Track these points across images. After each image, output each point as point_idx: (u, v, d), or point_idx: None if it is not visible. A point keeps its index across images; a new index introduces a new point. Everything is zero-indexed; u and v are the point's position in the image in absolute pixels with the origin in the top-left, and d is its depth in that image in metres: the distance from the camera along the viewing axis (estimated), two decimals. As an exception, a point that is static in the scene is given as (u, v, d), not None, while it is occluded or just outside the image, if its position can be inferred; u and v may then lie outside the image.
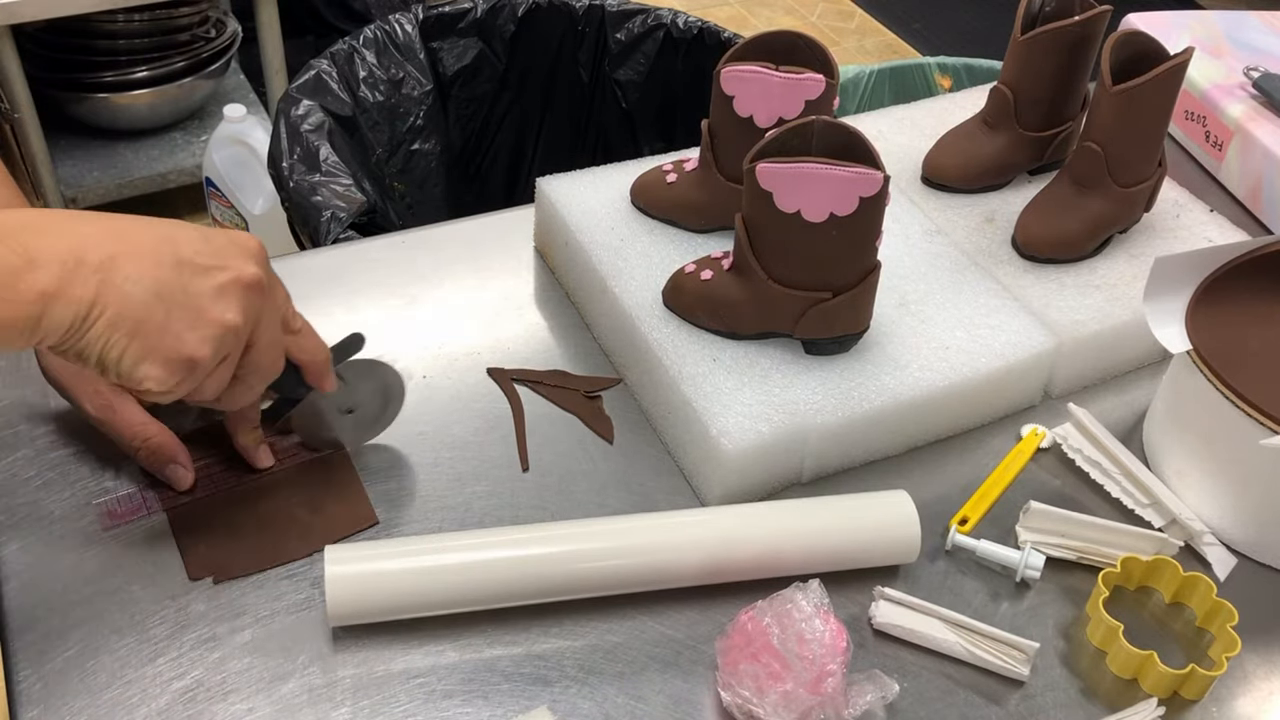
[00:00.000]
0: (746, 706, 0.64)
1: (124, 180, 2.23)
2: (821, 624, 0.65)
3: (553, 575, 0.70)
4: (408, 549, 0.70)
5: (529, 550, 0.70)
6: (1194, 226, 0.99)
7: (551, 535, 0.72)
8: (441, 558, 0.69)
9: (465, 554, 0.70)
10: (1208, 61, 1.21)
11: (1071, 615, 0.75)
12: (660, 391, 0.82)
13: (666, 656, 0.70)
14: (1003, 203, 1.00)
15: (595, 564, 0.71)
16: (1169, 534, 0.79)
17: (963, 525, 0.79)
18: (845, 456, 0.82)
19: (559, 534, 0.72)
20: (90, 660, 0.66)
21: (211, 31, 2.26)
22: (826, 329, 0.81)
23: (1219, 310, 0.80)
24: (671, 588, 0.72)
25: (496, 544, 0.70)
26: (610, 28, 1.72)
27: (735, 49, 0.85)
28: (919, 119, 1.10)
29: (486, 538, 0.71)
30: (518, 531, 0.72)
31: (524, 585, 0.70)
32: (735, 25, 3.09)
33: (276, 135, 1.43)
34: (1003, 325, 0.86)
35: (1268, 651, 0.74)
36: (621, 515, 0.76)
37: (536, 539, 0.71)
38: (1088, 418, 0.84)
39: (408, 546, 0.71)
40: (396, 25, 1.64)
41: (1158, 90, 0.89)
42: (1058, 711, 0.69)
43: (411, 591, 0.68)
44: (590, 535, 0.72)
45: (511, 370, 0.87)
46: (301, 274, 0.95)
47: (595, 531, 0.72)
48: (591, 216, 0.93)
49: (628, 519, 0.74)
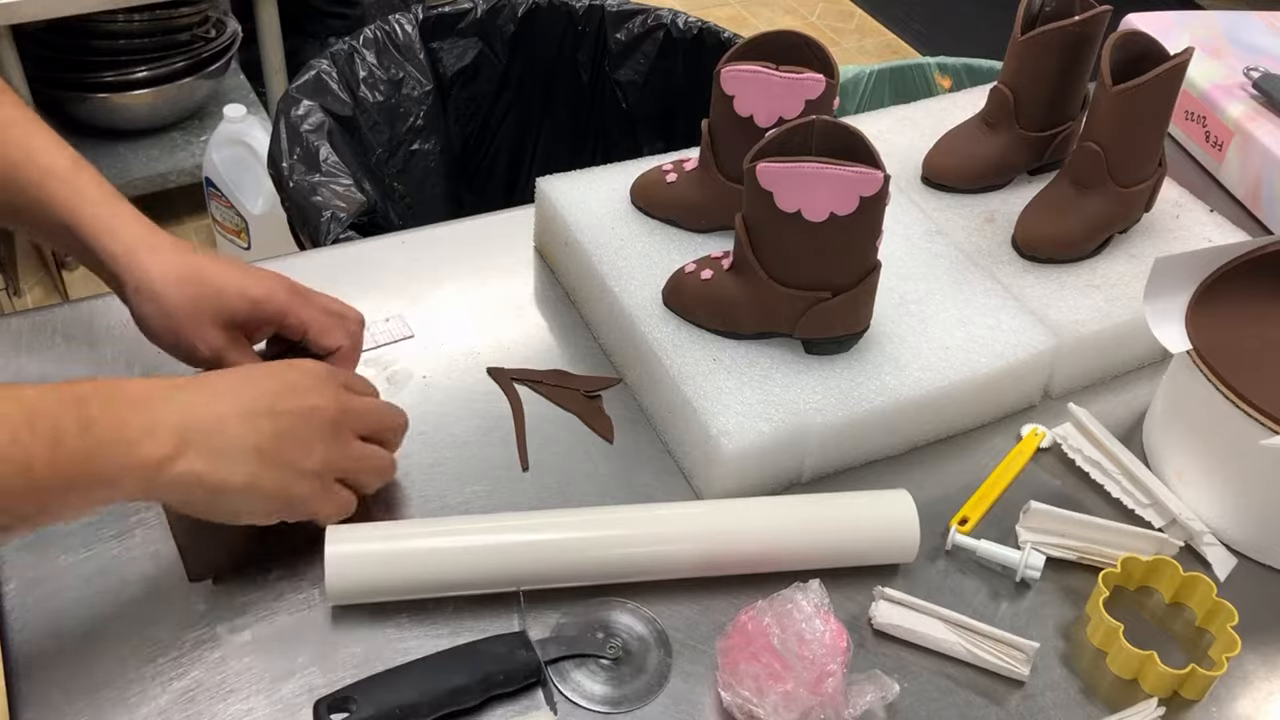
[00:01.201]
0: (747, 707, 0.64)
1: (124, 180, 2.22)
2: (822, 624, 0.65)
3: (553, 560, 0.70)
4: (407, 530, 0.72)
5: (530, 535, 0.71)
6: (1194, 226, 0.99)
7: (553, 522, 0.72)
8: (440, 540, 0.70)
9: (464, 537, 0.71)
10: (1208, 61, 1.21)
11: (1071, 615, 0.75)
12: (660, 391, 0.82)
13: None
14: (1003, 203, 1.00)
15: (595, 551, 0.71)
16: (1169, 534, 0.79)
17: (963, 525, 0.79)
18: (845, 456, 0.82)
19: (560, 521, 0.73)
20: (90, 660, 0.66)
21: (211, 31, 2.26)
22: (826, 329, 0.81)
23: (1219, 310, 0.80)
24: (671, 578, 0.73)
25: (496, 528, 0.71)
26: (610, 28, 1.72)
27: (735, 49, 0.85)
28: (919, 119, 1.10)
29: (487, 522, 0.72)
30: (518, 517, 0.73)
31: (523, 569, 0.70)
32: (735, 25, 3.09)
33: (276, 135, 1.43)
34: (1003, 325, 0.86)
35: (1268, 651, 0.74)
36: (624, 505, 0.76)
37: (537, 524, 0.72)
38: (1088, 418, 0.84)
39: (407, 529, 0.72)
40: (396, 25, 1.64)
41: (1158, 90, 0.89)
42: (1058, 711, 0.69)
43: (408, 571, 0.69)
44: (590, 523, 0.72)
45: (511, 370, 0.87)
46: (301, 274, 0.94)
47: (596, 519, 0.73)
48: (591, 216, 0.93)
49: (630, 508, 0.75)
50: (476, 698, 0.65)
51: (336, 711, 0.63)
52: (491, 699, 0.66)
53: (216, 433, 0.62)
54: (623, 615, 0.71)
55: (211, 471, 0.62)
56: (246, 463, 0.63)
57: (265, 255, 1.23)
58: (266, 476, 0.64)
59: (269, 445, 0.64)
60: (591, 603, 0.71)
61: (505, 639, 0.68)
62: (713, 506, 0.75)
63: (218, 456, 0.62)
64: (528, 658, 0.67)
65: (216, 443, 0.62)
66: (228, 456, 0.63)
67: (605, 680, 0.68)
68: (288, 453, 0.65)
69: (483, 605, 0.71)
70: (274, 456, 0.64)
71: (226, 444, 0.63)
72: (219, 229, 2.19)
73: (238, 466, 0.63)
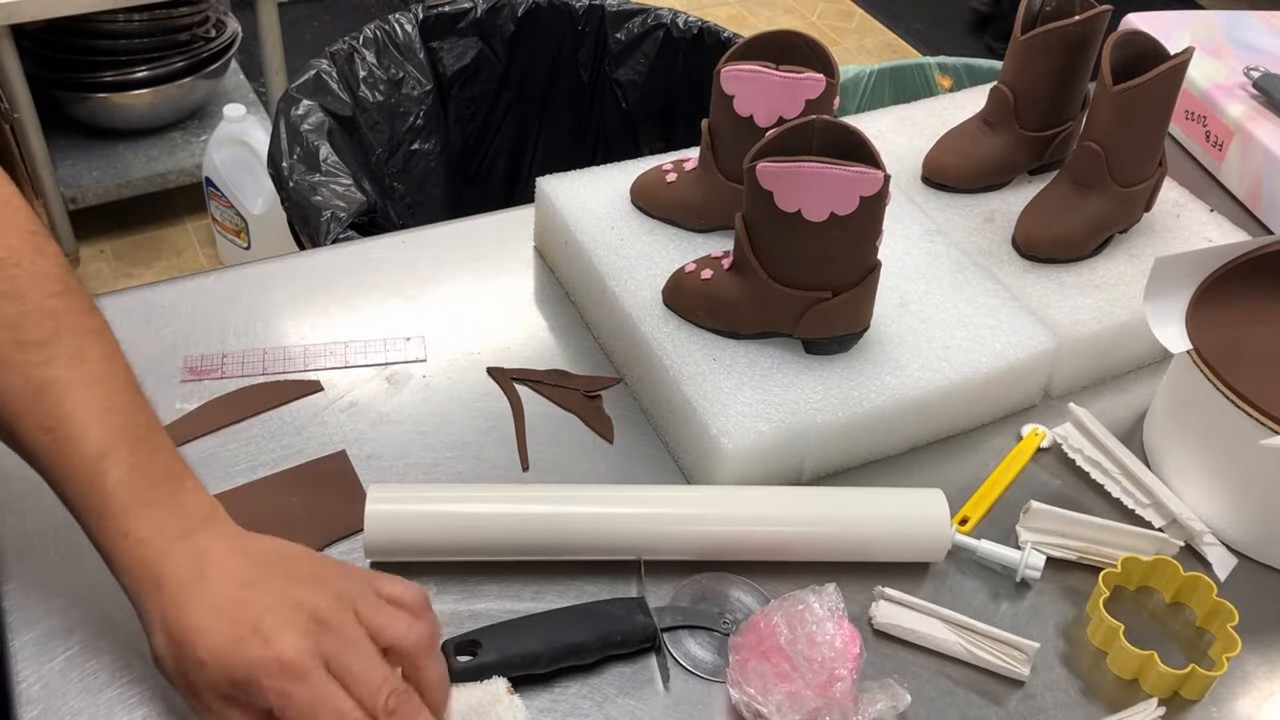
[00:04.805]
0: (752, 705, 0.64)
1: (123, 180, 2.23)
2: (833, 628, 0.65)
3: (588, 533, 0.72)
4: (443, 494, 0.74)
5: (559, 507, 0.72)
6: (1194, 226, 0.99)
7: (582, 495, 0.74)
8: (473, 506, 0.72)
9: (497, 504, 0.72)
10: (1208, 61, 1.21)
11: (1071, 615, 0.75)
12: (660, 391, 0.82)
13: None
14: (1003, 203, 1.00)
15: (626, 526, 0.72)
16: (1169, 534, 0.79)
17: (963, 525, 0.79)
18: (845, 456, 0.82)
19: (590, 495, 0.74)
20: (90, 660, 0.66)
21: (211, 31, 2.26)
22: (826, 328, 0.81)
23: (1219, 310, 0.80)
24: (700, 559, 0.74)
25: (528, 498, 0.73)
26: (610, 28, 1.72)
27: (735, 48, 0.85)
28: (919, 119, 1.10)
29: (521, 491, 0.75)
30: (549, 489, 0.75)
31: (548, 539, 0.72)
32: (735, 25, 3.09)
33: (276, 135, 1.43)
34: (1003, 325, 0.86)
35: (1268, 651, 0.74)
36: (654, 485, 0.78)
37: (568, 497, 0.73)
38: (1088, 418, 0.84)
39: (444, 492, 0.74)
40: (396, 25, 1.64)
41: (1158, 90, 0.89)
42: (1058, 712, 0.69)
43: (439, 533, 0.71)
44: (626, 499, 0.74)
45: (511, 370, 0.87)
46: (302, 274, 0.95)
47: (631, 496, 0.75)
48: (591, 216, 0.93)
49: (659, 488, 0.77)
50: (594, 655, 0.68)
51: (463, 654, 0.65)
52: (606, 659, 0.68)
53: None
54: (736, 590, 0.73)
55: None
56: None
57: (265, 255, 1.23)
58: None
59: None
60: (709, 576, 0.73)
61: (625, 602, 0.70)
62: (753, 491, 0.76)
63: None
64: (645, 622, 0.69)
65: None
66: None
67: (717, 650, 0.70)
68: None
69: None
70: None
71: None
72: (219, 229, 2.19)
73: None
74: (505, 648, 0.66)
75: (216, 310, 0.90)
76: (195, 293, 0.91)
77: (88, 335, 0.62)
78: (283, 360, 0.86)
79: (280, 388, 0.84)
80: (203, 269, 2.25)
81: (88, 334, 0.62)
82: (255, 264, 0.95)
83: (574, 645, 0.67)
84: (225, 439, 0.80)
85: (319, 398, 0.84)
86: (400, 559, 0.72)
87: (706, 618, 0.71)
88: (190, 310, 0.90)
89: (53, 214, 2.16)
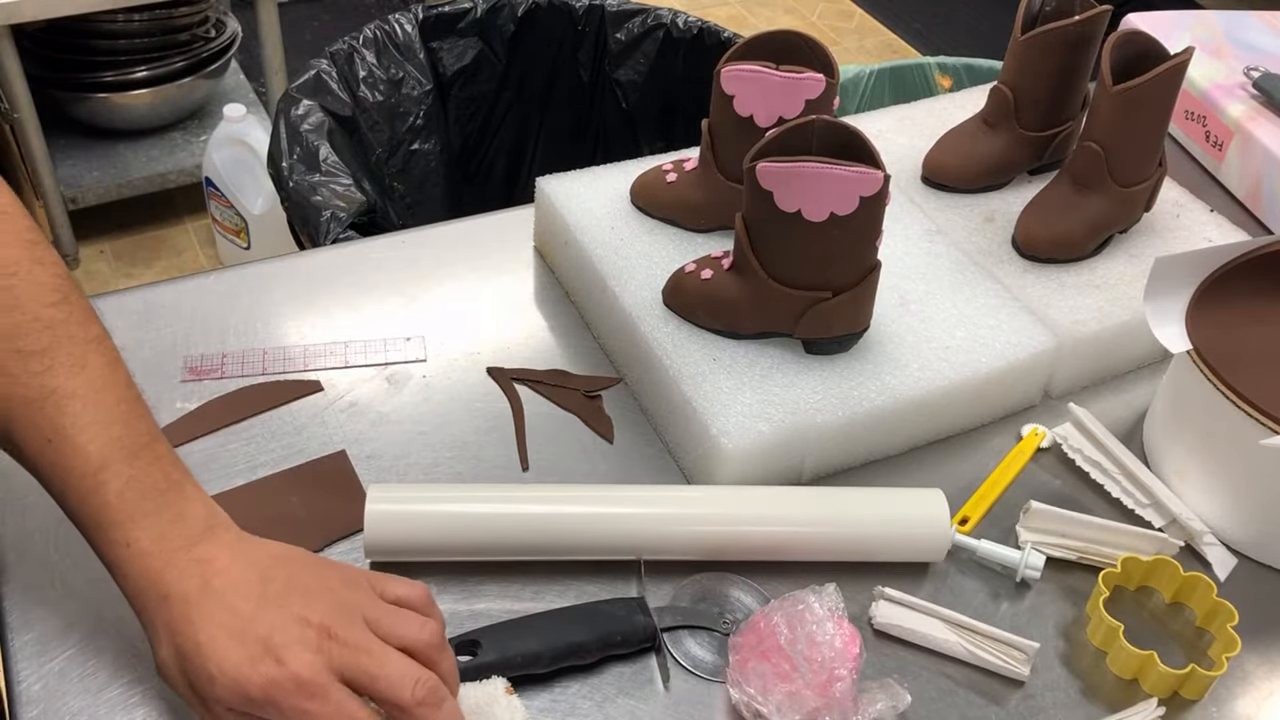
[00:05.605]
0: (752, 705, 0.64)
1: (123, 180, 2.23)
2: (833, 628, 0.65)
3: (588, 533, 0.72)
4: (443, 494, 0.74)
5: (558, 507, 0.72)
6: (1194, 226, 0.99)
7: (582, 495, 0.74)
8: (473, 506, 0.72)
9: (496, 504, 0.72)
10: (1208, 61, 1.21)
11: (1071, 615, 0.75)
12: (660, 391, 0.82)
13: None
14: (1003, 203, 1.00)
15: (629, 526, 0.72)
16: (1169, 534, 0.79)
17: (963, 525, 0.79)
18: (845, 456, 0.82)
19: (590, 495, 0.74)
20: (90, 660, 0.66)
21: (211, 31, 2.26)
22: (826, 328, 0.81)
23: (1219, 310, 0.80)
24: (700, 559, 0.74)
25: (528, 498, 0.73)
26: (610, 28, 1.72)
27: (735, 48, 0.85)
28: (919, 119, 1.10)
29: (521, 491, 0.75)
30: (549, 489, 0.75)
31: (548, 539, 0.72)
32: (735, 25, 3.09)
33: (276, 135, 1.43)
34: (1003, 325, 0.86)
35: (1268, 651, 0.74)
36: (654, 485, 0.78)
37: (568, 497, 0.73)
38: (1088, 418, 0.84)
39: (444, 492, 0.74)
40: (396, 25, 1.64)
41: (1158, 90, 0.89)
42: (1058, 711, 0.69)
43: (439, 533, 0.71)
44: (626, 499, 0.74)
45: (511, 370, 0.87)
46: (301, 274, 0.95)
47: (631, 496, 0.75)
48: (591, 216, 0.93)
49: (659, 488, 0.77)
50: (594, 655, 0.68)
51: (463, 654, 0.65)
52: (606, 659, 0.68)
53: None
54: (736, 590, 0.73)
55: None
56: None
57: (265, 255, 1.23)
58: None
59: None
60: (709, 576, 0.73)
61: (625, 602, 0.70)
62: (752, 491, 0.76)
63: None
64: (645, 622, 0.69)
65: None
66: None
67: (717, 650, 0.70)
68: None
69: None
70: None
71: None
72: (219, 229, 2.19)
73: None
74: (505, 647, 0.66)
75: (216, 310, 0.90)
76: (195, 293, 0.91)
77: (86, 344, 0.61)
78: (283, 360, 0.86)
79: (280, 388, 0.84)
80: (203, 269, 2.25)
81: (86, 343, 0.61)
82: (255, 264, 0.95)
83: (574, 645, 0.67)
84: (225, 439, 0.80)
85: (319, 398, 0.84)
86: (400, 559, 0.72)
87: (706, 618, 0.71)
88: (190, 310, 0.90)
89: (53, 214, 2.16)
